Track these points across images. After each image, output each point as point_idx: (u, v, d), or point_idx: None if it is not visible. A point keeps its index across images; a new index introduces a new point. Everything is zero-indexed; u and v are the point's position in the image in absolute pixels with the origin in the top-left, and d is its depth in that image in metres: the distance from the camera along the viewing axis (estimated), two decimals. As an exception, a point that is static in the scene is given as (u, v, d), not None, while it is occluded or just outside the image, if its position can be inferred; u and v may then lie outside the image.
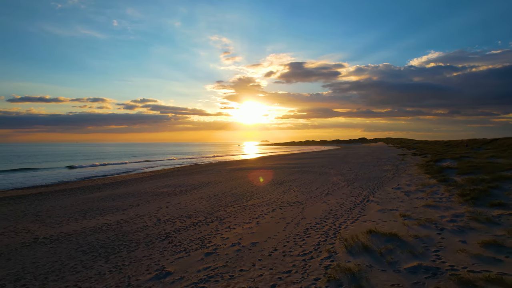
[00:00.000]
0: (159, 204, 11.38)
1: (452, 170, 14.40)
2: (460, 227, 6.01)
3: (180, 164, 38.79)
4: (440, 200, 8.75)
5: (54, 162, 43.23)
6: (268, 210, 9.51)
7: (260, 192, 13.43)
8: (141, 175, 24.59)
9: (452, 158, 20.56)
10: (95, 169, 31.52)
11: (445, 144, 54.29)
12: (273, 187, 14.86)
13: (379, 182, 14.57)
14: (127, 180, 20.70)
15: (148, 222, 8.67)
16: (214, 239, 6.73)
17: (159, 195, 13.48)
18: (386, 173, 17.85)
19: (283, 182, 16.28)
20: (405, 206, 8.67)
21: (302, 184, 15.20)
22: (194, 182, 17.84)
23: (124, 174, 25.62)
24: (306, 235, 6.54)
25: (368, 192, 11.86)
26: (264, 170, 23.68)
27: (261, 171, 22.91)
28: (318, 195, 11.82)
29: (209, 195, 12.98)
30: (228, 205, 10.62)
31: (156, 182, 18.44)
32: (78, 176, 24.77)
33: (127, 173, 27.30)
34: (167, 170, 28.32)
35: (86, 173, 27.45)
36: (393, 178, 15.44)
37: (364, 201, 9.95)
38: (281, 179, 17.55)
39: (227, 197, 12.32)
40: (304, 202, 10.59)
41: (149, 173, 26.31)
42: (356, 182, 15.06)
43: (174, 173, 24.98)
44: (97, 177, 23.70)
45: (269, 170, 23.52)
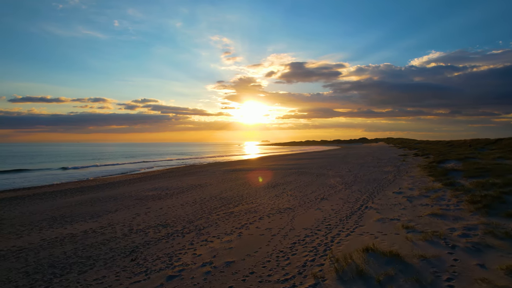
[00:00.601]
0: (138, 210, 10.42)
1: (458, 173, 13.39)
2: (475, 244, 5.02)
3: (176, 165, 37.86)
4: (448, 208, 7.75)
5: (49, 162, 42.37)
6: (254, 218, 8.53)
7: (251, 196, 12.45)
8: (132, 176, 23.65)
9: (457, 159, 19.53)
10: (88, 170, 30.62)
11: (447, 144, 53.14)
12: (266, 190, 13.89)
13: (379, 185, 13.57)
14: (115, 182, 19.75)
15: (119, 232, 7.70)
16: (185, 256, 5.76)
17: (142, 199, 12.52)
18: (387, 175, 16.84)
19: (278, 185, 15.30)
20: (408, 214, 7.68)
21: (297, 187, 14.22)
22: (184, 184, 16.87)
23: (114, 176, 24.68)
24: (292, 252, 5.56)
25: (367, 196, 10.87)
26: (260, 171, 22.70)
27: (256, 172, 21.94)
28: (313, 200, 10.84)
29: (195, 200, 12.02)
30: (213, 212, 9.65)
31: (144, 185, 17.49)
32: (68, 177, 23.86)
33: (119, 174, 26.37)
34: (160, 171, 27.36)
35: (77, 174, 26.55)
36: (394, 181, 14.44)
37: (362, 208, 8.95)
38: (276, 181, 16.57)
39: (214, 202, 11.36)
40: (296, 208, 9.60)
41: (140, 174, 25.37)
42: (355, 185, 14.07)
43: (167, 174, 24.02)
44: (86, 179, 22.76)
45: (265, 171, 22.55)
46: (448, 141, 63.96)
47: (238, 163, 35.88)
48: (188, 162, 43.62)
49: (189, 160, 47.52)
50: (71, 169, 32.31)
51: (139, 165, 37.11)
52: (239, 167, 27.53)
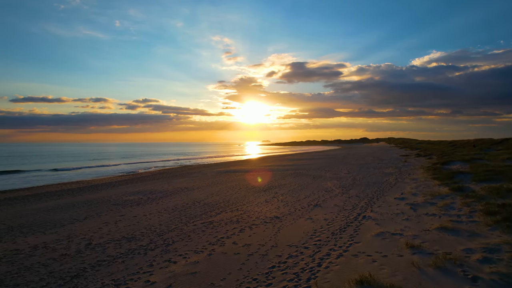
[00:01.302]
0: (109, 218, 9.30)
1: (465, 176, 12.22)
2: (503, 276, 3.86)
3: (171, 166, 36.76)
4: (460, 220, 6.59)
5: (43, 163, 41.36)
6: (235, 230, 7.40)
7: (238, 201, 11.33)
8: (120, 178, 22.54)
9: (462, 160, 18.35)
10: (79, 172, 29.59)
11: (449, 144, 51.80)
12: (256, 194, 12.76)
13: (380, 189, 12.42)
14: (100, 184, 18.65)
15: (73, 247, 6.58)
16: (135, 284, 4.63)
17: (119, 205, 11.41)
18: (388, 178, 15.68)
19: (270, 188, 14.17)
20: (413, 227, 6.53)
21: (290, 191, 13.09)
22: (170, 187, 15.75)
23: (102, 178, 23.58)
24: (267, 281, 4.42)
25: (366, 203, 9.72)
26: (254, 173, 21.57)
27: (250, 174, 20.81)
28: (305, 207, 9.70)
29: (176, 206, 10.89)
30: (190, 221, 8.52)
31: (128, 188, 16.38)
32: (54, 179, 22.81)
33: (108, 176, 25.28)
34: (151, 173, 26.26)
35: (65, 176, 25.50)
36: (396, 184, 13.28)
37: (359, 218, 7.81)
38: (269, 184, 15.43)
39: (195, 209, 10.23)
40: (284, 217, 8.46)
41: (130, 176, 24.27)
42: (353, 188, 12.92)
43: (157, 176, 22.91)
44: (72, 181, 21.66)
45: (260, 173, 21.42)
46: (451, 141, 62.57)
47: (234, 163, 34.76)
48: (184, 162, 42.54)
49: (186, 161, 46.45)
50: (61, 170, 31.25)
51: (134, 166, 36.06)
52: (234, 168, 26.41)
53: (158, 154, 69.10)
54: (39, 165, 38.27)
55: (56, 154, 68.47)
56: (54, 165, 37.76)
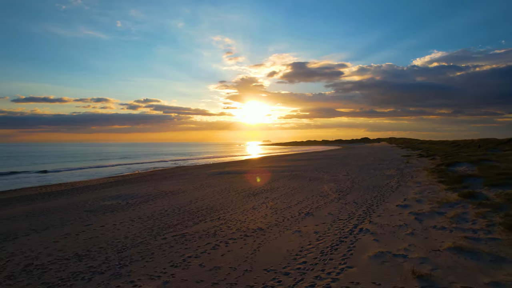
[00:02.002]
0: (74, 228, 8.19)
1: (475, 179, 11.05)
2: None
3: (165, 166, 35.69)
4: (476, 237, 5.44)
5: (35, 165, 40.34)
6: (208, 246, 6.27)
7: (223, 207, 10.21)
8: (107, 180, 21.45)
9: (468, 162, 17.15)
10: (68, 173, 28.58)
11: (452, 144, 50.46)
12: (244, 199, 11.64)
13: (380, 193, 11.27)
14: (82, 187, 17.57)
15: (7, 270, 5.46)
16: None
17: (91, 212, 10.30)
18: (389, 180, 14.51)
19: (261, 192, 13.04)
20: (419, 246, 5.38)
21: (282, 196, 11.96)
22: (155, 191, 14.64)
23: (89, 180, 22.51)
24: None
25: (364, 211, 8.57)
26: (248, 175, 20.45)
27: (244, 176, 19.68)
28: (295, 216, 8.57)
29: (153, 213, 9.78)
30: (161, 233, 7.40)
31: (110, 191, 15.27)
32: (38, 181, 21.77)
33: (96, 178, 24.21)
34: (141, 174, 25.16)
35: (51, 178, 24.44)
36: (398, 188, 12.12)
37: (355, 231, 6.66)
38: (261, 188, 14.30)
39: (173, 217, 9.11)
40: (269, 229, 7.33)
41: (118, 177, 23.17)
42: (351, 193, 11.78)
43: (146, 178, 21.81)
44: (55, 183, 20.57)
45: (254, 175, 20.29)
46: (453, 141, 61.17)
47: (230, 164, 33.64)
48: (181, 163, 41.48)
49: (183, 161, 45.38)
50: (52, 172, 30.13)
51: (128, 167, 35.01)
52: (229, 169, 25.29)
53: (157, 155, 68.07)
54: (30, 166, 37.24)
55: (54, 155, 67.49)
56: (46, 166, 36.69)
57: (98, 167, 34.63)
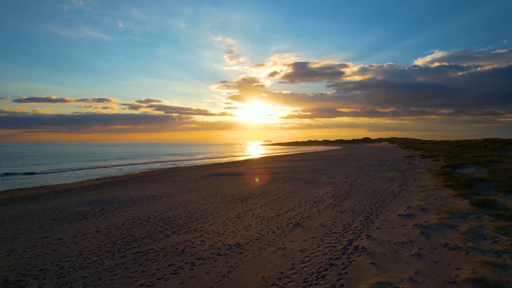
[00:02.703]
0: (23, 243, 7.10)
1: (487, 184, 9.89)
2: None
3: (159, 167, 34.63)
4: (502, 263, 4.31)
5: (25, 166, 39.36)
6: (170, 268, 5.16)
7: (204, 216, 9.11)
8: (92, 182, 20.39)
9: (476, 163, 15.98)
10: (56, 175, 27.51)
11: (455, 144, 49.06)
12: (230, 205, 10.54)
13: (380, 199, 10.13)
14: (61, 190, 16.50)
15: None
16: None
17: (56, 221, 9.21)
18: (391, 184, 13.37)
19: (251, 197, 11.94)
20: (428, 275, 4.25)
21: (272, 202, 10.85)
22: (137, 195, 13.55)
23: (73, 182, 21.43)
24: None
25: (361, 222, 7.45)
26: (241, 177, 19.35)
27: (236, 178, 18.58)
28: (282, 228, 7.46)
29: (125, 222, 8.69)
30: (125, 248, 6.30)
31: (89, 195, 14.19)
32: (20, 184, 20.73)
33: (82, 179, 23.17)
34: (130, 176, 24.08)
35: (36, 180, 23.41)
36: (400, 193, 10.98)
37: (349, 250, 5.53)
38: (252, 192, 13.20)
39: (144, 227, 8.02)
40: (248, 245, 6.22)
41: (104, 179, 22.09)
42: (348, 198, 10.65)
43: (133, 180, 20.73)
44: (34, 186, 19.49)
45: (247, 177, 19.18)
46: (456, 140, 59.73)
47: (226, 165, 32.53)
48: (176, 163, 40.45)
49: (179, 162, 44.33)
50: (38, 173, 28.99)
51: (120, 168, 33.95)
52: (223, 171, 24.18)
53: (155, 155, 66.99)
54: (20, 167, 36.11)
55: (50, 155, 66.49)
56: (37, 167, 35.64)
57: (90, 168, 33.59)
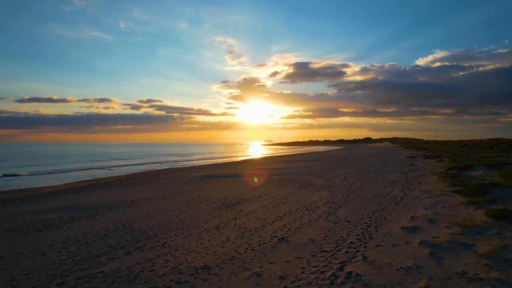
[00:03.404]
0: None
1: (502, 190, 8.72)
2: None
3: (152, 168, 33.56)
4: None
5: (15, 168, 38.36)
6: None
7: (180, 226, 8.02)
8: (76, 185, 19.31)
9: (484, 165, 14.78)
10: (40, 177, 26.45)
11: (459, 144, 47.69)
12: (212, 213, 9.43)
13: (380, 207, 8.98)
14: (38, 194, 15.43)
15: None
16: None
17: (12, 231, 8.13)
18: (392, 188, 12.20)
19: (238, 203, 10.84)
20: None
21: (260, 209, 9.73)
22: (115, 200, 12.45)
23: (53, 185, 20.38)
24: None
25: (357, 237, 6.31)
26: (234, 179, 18.24)
27: (228, 181, 17.48)
28: (264, 243, 6.33)
29: (89, 233, 7.59)
30: (70, 270, 5.20)
31: (64, 200, 13.11)
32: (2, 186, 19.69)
33: (65, 182, 22.11)
34: (117, 178, 22.99)
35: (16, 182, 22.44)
36: (403, 200, 9.82)
37: (339, 279, 4.39)
38: (241, 196, 12.09)
39: (107, 241, 6.91)
40: (218, 267, 5.09)
41: (88, 182, 21.00)
42: (345, 205, 9.51)
43: (120, 182, 19.65)
44: (12, 189, 18.40)
45: (240, 179, 18.08)
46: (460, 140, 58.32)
47: (221, 166, 31.40)
48: (172, 164, 39.43)
49: (175, 162, 43.29)
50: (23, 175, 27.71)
51: (111, 170, 32.91)
52: (216, 172, 23.06)
53: (154, 155, 66.05)
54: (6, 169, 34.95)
55: (46, 156, 65.59)
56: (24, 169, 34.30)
57: (82, 170, 32.53)
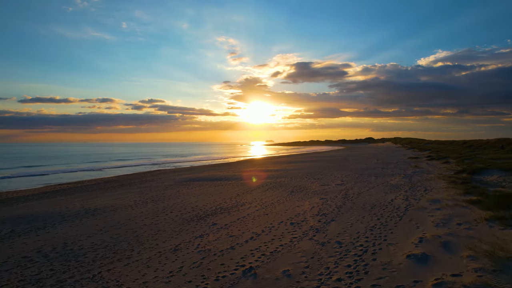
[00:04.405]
0: None
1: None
2: None
3: (140, 170, 32.05)
4: None
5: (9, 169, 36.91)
6: None
7: (131, 246, 6.45)
8: (48, 189, 17.79)
9: (500, 169, 13.10)
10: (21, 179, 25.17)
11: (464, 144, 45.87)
12: (179, 227, 7.88)
13: (380, 222, 7.35)
14: (7, 199, 13.90)
15: None
16: None
17: None
18: (395, 195, 10.55)
19: (213, 213, 9.27)
20: None
21: (236, 222, 8.16)
22: (77, 208, 10.89)
23: (24, 189, 18.88)
24: None
25: (348, 270, 4.70)
26: (221, 183, 16.67)
27: (214, 185, 15.90)
28: (225, 276, 4.75)
29: (11, 257, 6.01)
30: None
31: (18, 209, 11.55)
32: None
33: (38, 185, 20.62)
34: (97, 181, 21.42)
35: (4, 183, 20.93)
36: (407, 212, 8.16)
37: None
38: (219, 205, 10.51)
39: (23, 271, 5.36)
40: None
41: (65, 185, 19.45)
42: (338, 218, 7.89)
43: (98, 186, 18.10)
44: None
45: (227, 183, 16.50)
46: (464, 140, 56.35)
47: (214, 167, 29.78)
48: (164, 165, 37.95)
49: (167, 164, 41.77)
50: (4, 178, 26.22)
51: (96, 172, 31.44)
52: (206, 174, 21.46)
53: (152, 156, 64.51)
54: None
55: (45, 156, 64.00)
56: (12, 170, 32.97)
57: (66, 172, 30.99)
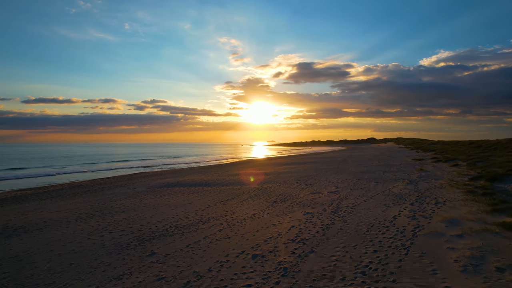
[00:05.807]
0: None
1: None
2: None
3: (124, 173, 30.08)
4: None
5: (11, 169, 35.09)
6: None
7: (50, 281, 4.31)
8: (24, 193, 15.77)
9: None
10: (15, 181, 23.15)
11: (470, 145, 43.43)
12: (104, 259, 5.77)
13: (378, 258, 5.16)
14: None
15: None
16: None
17: None
18: (398, 210, 8.34)
19: (163, 235, 7.22)
20: None
21: (183, 251, 6.05)
22: (4, 222, 8.80)
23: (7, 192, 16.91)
24: None
25: None
26: (198, 189, 14.59)
27: (189, 192, 13.82)
28: None
29: None
30: None
31: None
32: None
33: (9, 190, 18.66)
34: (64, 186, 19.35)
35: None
36: (416, 240, 5.97)
37: None
38: (178, 221, 8.43)
39: None
40: None
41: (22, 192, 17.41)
42: (319, 248, 5.74)
43: (60, 191, 16.05)
44: None
45: (206, 189, 14.41)
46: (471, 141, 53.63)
47: (198, 170, 27.61)
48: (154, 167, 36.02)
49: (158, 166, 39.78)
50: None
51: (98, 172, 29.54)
52: (187, 178, 19.37)
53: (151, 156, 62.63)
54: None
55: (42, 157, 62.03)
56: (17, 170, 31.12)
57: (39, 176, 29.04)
